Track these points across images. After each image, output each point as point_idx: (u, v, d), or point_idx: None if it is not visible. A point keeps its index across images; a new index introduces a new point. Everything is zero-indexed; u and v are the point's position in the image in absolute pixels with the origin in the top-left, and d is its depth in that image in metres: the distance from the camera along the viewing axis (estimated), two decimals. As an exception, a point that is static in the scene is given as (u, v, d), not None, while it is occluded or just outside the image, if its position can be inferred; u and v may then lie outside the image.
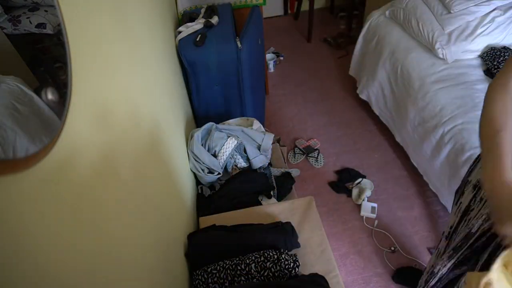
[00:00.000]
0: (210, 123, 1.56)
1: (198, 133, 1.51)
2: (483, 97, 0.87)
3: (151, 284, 0.85)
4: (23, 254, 0.42)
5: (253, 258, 1.09)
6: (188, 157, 1.51)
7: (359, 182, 2.07)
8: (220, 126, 1.58)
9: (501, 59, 1.71)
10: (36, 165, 0.46)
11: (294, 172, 1.72)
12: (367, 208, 1.93)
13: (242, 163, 1.56)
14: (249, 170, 1.55)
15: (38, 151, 0.46)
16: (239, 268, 1.08)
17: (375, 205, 1.94)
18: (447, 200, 1.73)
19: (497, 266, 0.67)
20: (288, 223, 1.20)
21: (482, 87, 1.73)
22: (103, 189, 0.65)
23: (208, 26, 1.70)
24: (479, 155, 1.03)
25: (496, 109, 0.82)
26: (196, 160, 1.49)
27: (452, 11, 1.89)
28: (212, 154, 1.50)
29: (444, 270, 1.08)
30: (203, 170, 1.50)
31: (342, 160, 2.26)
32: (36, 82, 0.50)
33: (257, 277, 1.06)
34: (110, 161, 0.69)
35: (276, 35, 3.57)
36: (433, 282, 1.15)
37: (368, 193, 1.99)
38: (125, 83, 0.86)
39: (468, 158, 1.51)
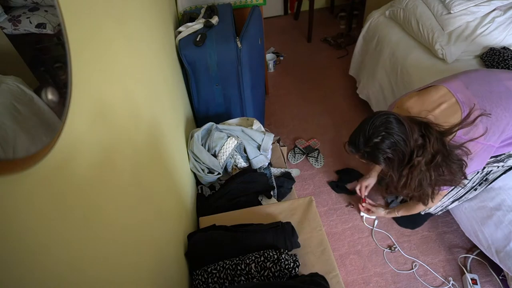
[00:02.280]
0: (210, 123, 1.56)
1: (198, 133, 1.51)
2: None
3: (150, 284, 0.85)
4: (23, 254, 0.42)
5: (253, 258, 1.09)
6: (188, 157, 1.51)
7: (359, 182, 2.06)
8: (220, 126, 1.58)
9: (500, 59, 1.72)
10: (36, 165, 0.46)
11: (294, 172, 1.72)
12: (367, 208, 1.93)
13: (242, 163, 1.56)
14: (249, 170, 1.55)
15: (38, 151, 0.46)
16: (239, 268, 1.08)
17: (375, 205, 1.94)
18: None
19: None
20: (288, 223, 1.20)
21: (482, 87, 1.72)
22: (103, 189, 0.65)
23: (208, 26, 1.70)
24: None
25: None
26: (196, 160, 1.49)
27: (452, 11, 1.89)
28: (212, 154, 1.50)
29: None
30: (203, 170, 1.50)
31: (342, 160, 2.26)
32: (36, 82, 0.50)
33: (257, 277, 1.06)
34: (110, 160, 0.70)
35: (276, 35, 3.57)
36: None
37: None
38: (125, 83, 0.86)
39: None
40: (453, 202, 1.51)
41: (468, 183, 1.41)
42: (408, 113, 1.24)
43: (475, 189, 1.43)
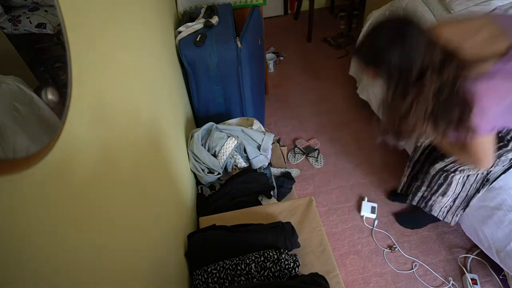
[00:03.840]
0: (210, 123, 1.56)
1: (198, 133, 1.51)
2: None
3: (150, 283, 0.85)
4: (23, 254, 0.42)
5: (253, 258, 1.09)
6: (188, 157, 1.51)
7: (359, 182, 2.06)
8: (220, 126, 1.58)
9: (501, 59, 1.71)
10: (36, 165, 0.46)
11: (294, 172, 1.72)
12: (367, 208, 1.93)
13: (242, 163, 1.56)
14: (249, 170, 1.55)
15: (38, 151, 0.46)
16: (239, 268, 1.08)
17: (375, 205, 1.94)
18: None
19: None
20: (288, 223, 1.20)
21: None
22: (103, 189, 0.65)
23: (208, 26, 1.70)
24: None
25: None
26: (196, 160, 1.49)
27: (452, 11, 1.89)
28: (212, 154, 1.50)
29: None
30: (203, 170, 1.50)
31: (342, 160, 2.26)
32: (36, 82, 0.50)
33: (257, 277, 1.06)
34: (110, 160, 0.69)
35: (276, 35, 3.57)
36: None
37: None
38: (125, 82, 0.86)
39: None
40: (464, 209, 1.51)
41: (471, 184, 1.42)
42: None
43: (478, 191, 1.44)
